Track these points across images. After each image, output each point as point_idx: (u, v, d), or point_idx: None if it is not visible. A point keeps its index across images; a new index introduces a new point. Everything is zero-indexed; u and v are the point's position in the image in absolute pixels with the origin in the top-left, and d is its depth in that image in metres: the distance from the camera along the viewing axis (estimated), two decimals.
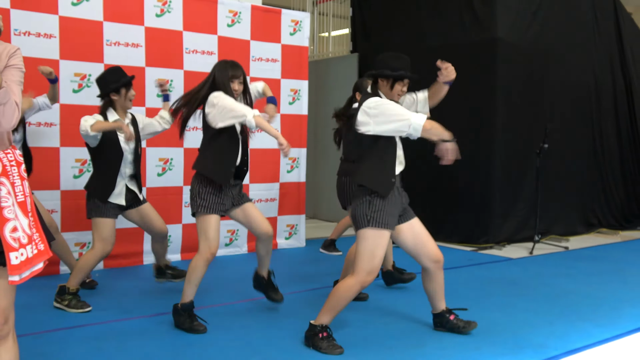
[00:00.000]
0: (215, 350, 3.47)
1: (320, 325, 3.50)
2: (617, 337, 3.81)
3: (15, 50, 2.31)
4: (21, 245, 2.23)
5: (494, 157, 6.78)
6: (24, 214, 2.27)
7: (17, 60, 2.30)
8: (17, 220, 2.24)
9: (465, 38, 6.87)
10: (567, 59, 7.48)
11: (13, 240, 2.21)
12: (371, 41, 8.05)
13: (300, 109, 6.64)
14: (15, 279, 2.23)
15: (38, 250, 2.30)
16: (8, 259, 2.19)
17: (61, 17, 5.11)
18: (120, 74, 4.24)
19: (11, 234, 2.21)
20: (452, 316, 3.82)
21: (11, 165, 2.27)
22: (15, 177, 2.27)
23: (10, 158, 2.29)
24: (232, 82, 3.83)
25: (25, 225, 2.27)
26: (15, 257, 2.21)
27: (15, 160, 2.31)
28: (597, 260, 6.24)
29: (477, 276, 5.44)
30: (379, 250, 3.40)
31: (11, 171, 2.27)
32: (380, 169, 3.43)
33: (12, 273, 2.21)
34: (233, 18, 6.07)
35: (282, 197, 6.56)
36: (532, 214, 6.90)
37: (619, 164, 8.41)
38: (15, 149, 2.34)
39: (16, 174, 2.28)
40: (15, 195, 2.26)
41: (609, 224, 8.22)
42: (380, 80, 3.49)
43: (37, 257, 2.29)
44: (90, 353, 3.39)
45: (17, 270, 2.21)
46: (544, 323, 4.05)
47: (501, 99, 6.75)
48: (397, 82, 3.46)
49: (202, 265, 3.78)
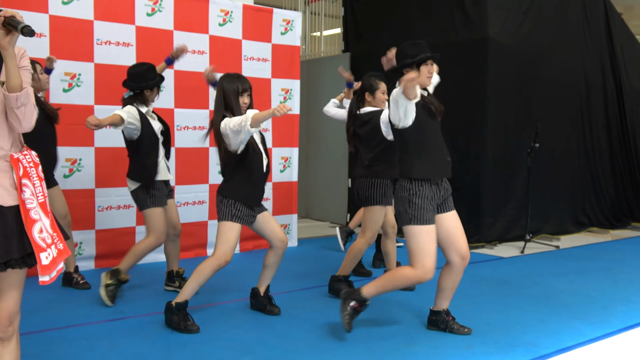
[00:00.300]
0: (207, 350, 3.46)
1: (360, 298, 3.63)
2: (608, 335, 3.83)
3: (23, 52, 2.34)
4: (47, 245, 2.28)
5: (485, 156, 6.78)
6: (45, 214, 2.31)
7: (26, 62, 2.35)
8: (42, 221, 2.28)
9: (456, 37, 6.88)
10: (557, 58, 7.49)
11: (42, 240, 2.25)
12: (363, 41, 8.04)
13: (292, 108, 6.59)
14: (46, 279, 2.28)
15: (58, 249, 2.34)
16: (39, 260, 2.24)
17: (51, 16, 5.07)
18: (156, 74, 4.42)
19: (39, 234, 2.25)
20: (450, 317, 3.82)
21: (30, 167, 2.31)
22: (35, 179, 2.31)
23: (28, 159, 2.32)
24: (241, 95, 3.82)
25: (48, 225, 2.31)
26: (46, 257, 2.26)
27: (33, 161, 2.34)
28: (587, 259, 6.26)
29: (468, 275, 5.31)
30: (427, 245, 3.50)
31: (31, 173, 2.30)
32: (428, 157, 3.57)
33: (43, 273, 2.27)
34: (224, 17, 6.05)
35: (274, 197, 6.55)
36: (523, 213, 6.92)
37: (610, 163, 8.44)
38: (30, 150, 2.37)
39: (35, 175, 2.31)
40: (36, 196, 2.29)
41: (599, 222, 8.25)
42: (405, 72, 3.48)
43: (59, 256, 2.34)
44: (81, 353, 3.37)
45: (47, 270, 2.26)
46: (535, 322, 4.06)
47: (492, 99, 6.75)
48: (422, 66, 3.51)
49: (214, 269, 3.77)
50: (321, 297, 4.64)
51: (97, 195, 5.41)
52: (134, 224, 5.59)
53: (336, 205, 8.32)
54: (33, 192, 2.28)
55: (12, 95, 2.17)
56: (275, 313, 4.13)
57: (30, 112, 2.24)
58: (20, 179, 2.25)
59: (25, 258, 2.26)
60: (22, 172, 2.26)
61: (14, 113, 2.21)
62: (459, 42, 6.84)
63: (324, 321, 4.00)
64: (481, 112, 6.75)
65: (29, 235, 2.22)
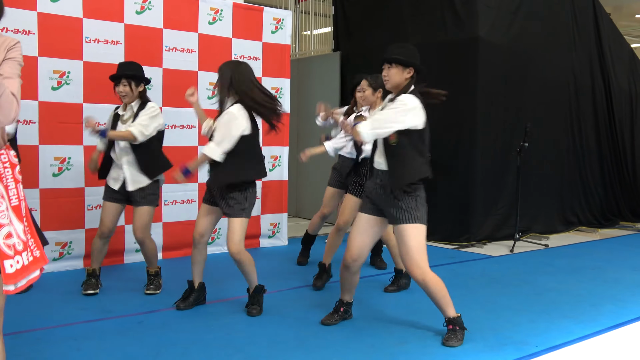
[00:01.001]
0: (197, 349, 3.44)
1: (453, 318, 3.63)
2: (597, 333, 3.85)
3: (15, 43, 2.24)
4: (16, 252, 2.14)
5: (474, 156, 6.79)
6: (19, 219, 2.17)
7: (17, 54, 2.23)
8: (12, 226, 2.14)
9: (446, 37, 6.88)
10: (547, 58, 7.51)
11: (7, 247, 2.11)
12: (353, 40, 8.03)
13: (282, 107, 6.56)
14: (10, 289, 2.13)
15: (34, 257, 2.21)
16: (2, 268, 2.09)
17: (40, 14, 5.02)
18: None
19: (5, 240, 2.11)
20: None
21: (4, 168, 2.19)
22: (9, 180, 2.18)
23: (4, 159, 2.20)
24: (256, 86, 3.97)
25: (20, 230, 2.17)
26: (10, 265, 2.11)
27: (10, 161, 2.22)
28: (576, 258, 6.29)
29: (458, 274, 5.45)
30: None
31: (4, 173, 2.18)
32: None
33: (7, 282, 2.11)
34: (214, 16, 6.01)
35: (264, 196, 6.52)
36: (512, 212, 6.93)
37: (598, 163, 8.48)
38: (10, 150, 2.25)
39: (10, 177, 2.19)
40: (9, 199, 2.17)
41: (588, 222, 8.28)
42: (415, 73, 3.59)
43: (33, 264, 2.20)
44: (69, 353, 3.34)
45: (12, 279, 2.12)
46: (525, 320, 4.07)
47: (482, 98, 6.76)
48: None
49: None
50: (311, 296, 4.63)
51: (86, 194, 5.36)
52: (122, 223, 5.53)
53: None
54: (4, 194, 2.14)
55: None
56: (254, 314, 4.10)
57: (8, 103, 2.05)
58: None
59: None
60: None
61: None
62: (449, 42, 6.85)
63: (315, 320, 3.98)
64: (471, 112, 6.76)
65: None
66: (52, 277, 4.83)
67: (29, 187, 5.06)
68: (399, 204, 3.53)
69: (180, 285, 4.44)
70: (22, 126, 5.02)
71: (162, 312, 4.12)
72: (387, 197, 3.58)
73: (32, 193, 5.08)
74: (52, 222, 5.16)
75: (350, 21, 8.15)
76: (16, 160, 2.25)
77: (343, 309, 3.93)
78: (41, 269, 2.27)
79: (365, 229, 3.69)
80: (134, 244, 5.62)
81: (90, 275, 4.52)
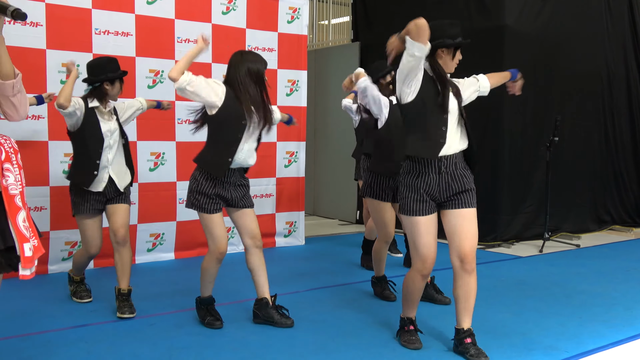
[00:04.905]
0: (211, 353, 3.39)
1: (405, 318, 3.55)
2: (631, 338, 3.74)
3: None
4: (30, 236, 2.15)
5: (501, 151, 6.69)
6: (23, 205, 2.17)
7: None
8: (24, 211, 2.15)
9: (471, 25, 6.75)
10: (578, 47, 7.36)
11: (25, 229, 2.11)
12: (373, 29, 7.96)
13: (299, 100, 6.53)
14: (27, 273, 2.12)
15: (33, 245, 2.18)
16: (22, 251, 2.08)
17: (48, 5, 4.97)
18: (118, 66, 4.13)
19: (23, 223, 2.11)
20: (468, 339, 3.34)
21: (11, 152, 2.20)
22: (15, 166, 2.20)
23: (9, 145, 2.21)
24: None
25: (25, 216, 2.17)
26: (30, 248, 2.11)
27: (13, 147, 2.23)
28: (609, 259, 6.18)
29: (484, 275, 5.32)
30: (417, 238, 3.29)
31: (12, 158, 2.20)
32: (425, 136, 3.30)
33: (25, 266, 2.10)
34: (228, 5, 5.94)
35: (279, 193, 6.45)
36: (541, 211, 6.83)
37: (633, 158, 8.29)
38: (9, 137, 2.26)
39: (15, 162, 2.20)
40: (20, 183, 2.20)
41: (622, 220, 8.13)
42: (440, 51, 3.30)
43: (36, 252, 2.19)
44: (79, 356, 3.30)
45: (29, 263, 2.11)
46: (554, 324, 3.99)
47: None
48: (457, 50, 3.38)
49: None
50: (330, 298, 4.54)
51: None
52: (135, 222, 5.48)
53: (345, 201, 8.20)
54: (16, 178, 2.16)
55: (7, 83, 2.07)
56: (288, 325, 3.82)
57: (25, 98, 2.17)
58: (3, 163, 2.12)
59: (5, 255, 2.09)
60: (4, 157, 2.14)
61: (9, 102, 2.11)
62: (474, 30, 6.68)
63: (333, 323, 3.93)
64: (497, 104, 6.62)
65: (12, 223, 2.07)
66: (62, 277, 4.79)
67: (39, 184, 5.01)
68: (472, 184, 3.33)
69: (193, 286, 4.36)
70: (31, 122, 4.99)
71: (175, 314, 4.06)
72: (459, 181, 3.29)
73: (42, 191, 5.03)
74: (63, 221, 5.11)
75: (370, 10, 8.09)
76: (17, 147, 2.26)
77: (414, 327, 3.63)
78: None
79: (432, 230, 3.33)
80: (145, 244, 5.56)
81: (81, 283, 4.37)
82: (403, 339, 3.50)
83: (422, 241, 3.27)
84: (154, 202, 5.57)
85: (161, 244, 5.67)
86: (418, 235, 3.27)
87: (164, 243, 5.67)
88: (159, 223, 5.63)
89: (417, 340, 3.47)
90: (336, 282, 4.85)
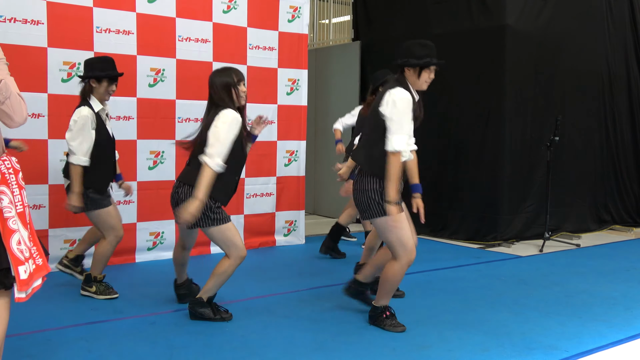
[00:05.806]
0: (212, 352, 3.38)
1: (383, 306, 3.76)
2: (631, 338, 3.74)
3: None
4: (25, 258, 2.14)
5: (502, 150, 6.67)
6: (24, 225, 2.17)
7: (1, 54, 2.21)
8: (20, 232, 2.14)
9: (472, 25, 6.76)
10: (579, 47, 7.35)
11: (20, 252, 2.10)
12: (374, 28, 7.92)
13: (299, 99, 6.51)
14: (22, 296, 2.12)
15: (36, 265, 2.18)
16: (17, 274, 2.08)
17: (49, 3, 4.96)
18: (110, 66, 4.20)
19: (17, 246, 2.10)
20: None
21: (9, 173, 2.17)
22: (14, 186, 2.17)
23: (7, 165, 2.18)
24: (239, 85, 3.74)
25: (26, 237, 2.17)
26: (24, 270, 2.10)
27: (13, 167, 2.20)
28: (609, 259, 6.18)
29: (484, 275, 5.38)
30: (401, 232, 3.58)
31: (10, 179, 2.16)
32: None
33: (21, 289, 2.11)
34: (229, 4, 5.92)
35: (280, 192, 6.43)
36: (542, 210, 6.82)
37: (634, 157, 8.28)
38: (11, 156, 2.24)
39: (14, 183, 2.18)
40: (15, 205, 2.16)
41: (622, 220, 8.12)
42: (406, 70, 3.56)
43: (37, 272, 2.18)
44: (80, 354, 3.30)
45: (25, 285, 2.11)
46: (554, 324, 3.98)
47: (509, 90, 6.64)
48: (424, 70, 3.56)
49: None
50: (330, 297, 4.53)
51: None
52: (134, 220, 5.46)
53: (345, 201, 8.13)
54: (11, 200, 2.12)
55: None
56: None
57: (17, 103, 2.10)
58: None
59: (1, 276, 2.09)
60: (0, 179, 2.12)
61: (0, 110, 2.07)
62: (475, 30, 6.76)
63: (334, 322, 3.93)
64: (498, 104, 6.64)
65: (6, 246, 2.06)
66: (62, 275, 4.76)
67: (38, 182, 5.00)
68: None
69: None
70: (31, 120, 4.97)
71: (175, 313, 4.05)
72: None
73: (41, 189, 5.02)
74: (62, 219, 5.10)
75: (371, 9, 8.07)
76: (19, 167, 2.25)
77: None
78: (43, 277, 2.25)
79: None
80: (145, 242, 5.56)
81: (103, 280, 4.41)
82: (388, 324, 3.73)
83: (406, 234, 3.57)
84: (153, 200, 5.55)
85: (161, 242, 5.67)
86: (402, 229, 3.55)
87: (164, 242, 5.66)
88: (159, 222, 5.62)
89: (400, 324, 3.75)
90: (336, 281, 4.83)
